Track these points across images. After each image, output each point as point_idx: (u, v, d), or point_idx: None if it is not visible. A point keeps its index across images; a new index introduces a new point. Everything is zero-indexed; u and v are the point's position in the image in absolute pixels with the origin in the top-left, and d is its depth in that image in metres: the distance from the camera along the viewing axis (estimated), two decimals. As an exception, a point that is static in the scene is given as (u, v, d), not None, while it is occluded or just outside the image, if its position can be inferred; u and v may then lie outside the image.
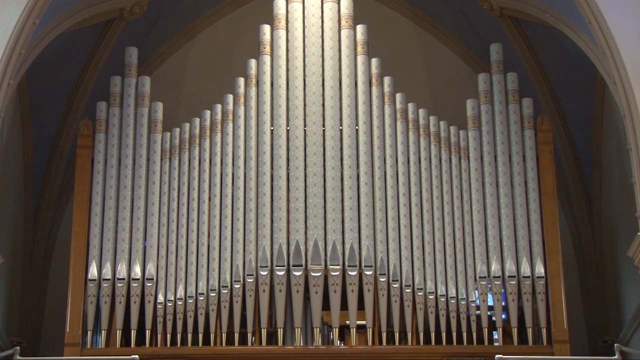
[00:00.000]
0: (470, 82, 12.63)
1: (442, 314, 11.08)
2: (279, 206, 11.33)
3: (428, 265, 11.25)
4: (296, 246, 11.15)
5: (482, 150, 11.66)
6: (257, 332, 11.04)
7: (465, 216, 11.45)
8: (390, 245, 11.28)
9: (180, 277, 11.19)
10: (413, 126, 11.78)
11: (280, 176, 11.46)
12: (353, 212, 11.32)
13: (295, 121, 11.64)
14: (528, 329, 11.03)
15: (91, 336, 11.00)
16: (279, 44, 11.87)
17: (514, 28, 12.49)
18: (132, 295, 11.06)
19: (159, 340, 11.01)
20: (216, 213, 11.41)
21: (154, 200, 11.46)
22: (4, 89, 9.68)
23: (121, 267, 11.15)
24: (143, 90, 11.83)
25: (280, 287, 11.02)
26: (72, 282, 11.09)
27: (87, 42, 12.34)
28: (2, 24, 9.69)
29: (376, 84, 11.85)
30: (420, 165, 11.64)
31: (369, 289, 11.06)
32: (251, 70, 11.87)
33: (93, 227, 11.30)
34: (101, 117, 11.71)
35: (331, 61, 11.81)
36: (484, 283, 11.20)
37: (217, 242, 11.30)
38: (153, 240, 11.32)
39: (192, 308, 11.06)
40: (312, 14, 11.95)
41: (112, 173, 11.52)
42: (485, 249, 11.31)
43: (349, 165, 11.50)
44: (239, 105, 11.79)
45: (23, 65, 10.32)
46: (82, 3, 11.22)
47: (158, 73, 13.39)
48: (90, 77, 12.57)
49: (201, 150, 11.68)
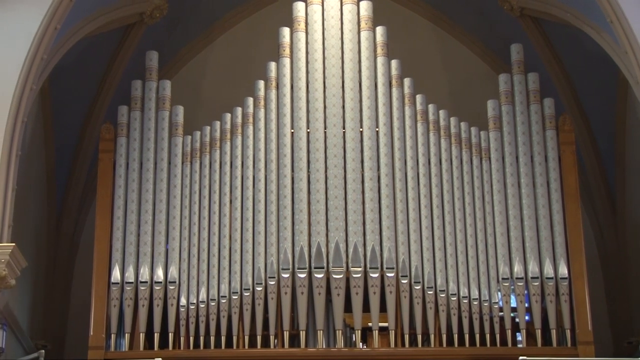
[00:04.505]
0: (491, 83, 12.59)
1: (464, 316, 11.04)
2: (299, 208, 11.34)
3: (450, 267, 11.22)
4: (317, 248, 11.15)
5: (504, 151, 11.63)
6: (279, 335, 11.05)
7: (487, 217, 11.41)
8: (412, 247, 11.25)
9: (202, 280, 11.22)
10: (434, 127, 11.75)
11: (301, 178, 11.46)
12: (374, 213, 11.31)
13: (315, 123, 11.64)
14: (552, 330, 10.98)
15: (115, 339, 11.05)
16: (299, 47, 11.88)
17: (534, 28, 12.44)
18: (155, 298, 11.09)
19: (181, 343, 11.04)
20: (237, 216, 11.43)
21: (175, 203, 11.50)
22: (27, 94, 9.75)
23: (144, 270, 11.18)
24: (164, 94, 11.87)
25: (302, 289, 11.02)
26: (95, 286, 11.14)
27: (108, 46, 12.40)
28: (24, 30, 9.76)
29: (396, 85, 11.84)
30: (442, 166, 11.61)
31: (391, 290, 11.04)
32: (271, 73, 11.88)
33: (115, 231, 11.34)
34: (122, 121, 11.76)
35: (351, 63, 11.81)
36: (507, 284, 11.14)
37: (238, 245, 11.32)
38: (175, 243, 11.36)
39: (214, 311, 11.08)
40: (331, 16, 11.95)
41: (134, 177, 11.56)
42: (507, 250, 11.27)
43: (370, 167, 11.49)
44: (259, 108, 11.81)
45: (45, 70, 10.37)
46: (102, 8, 11.28)
47: (178, 77, 13.44)
48: (111, 82, 12.63)
49: (222, 153, 11.71)
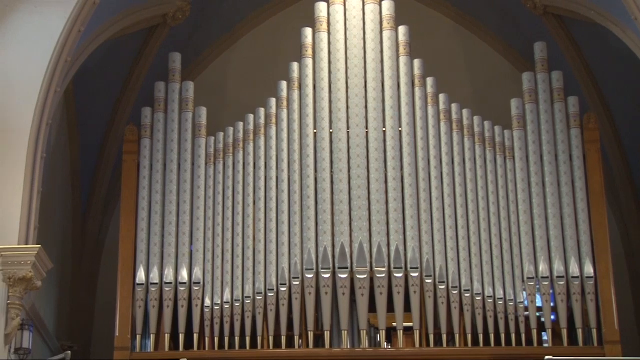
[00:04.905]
0: (514, 82, 12.53)
1: (489, 315, 11.00)
2: (323, 209, 11.34)
3: (475, 267, 11.19)
4: (341, 249, 11.14)
5: (528, 150, 11.58)
6: (303, 335, 11.05)
7: (511, 216, 11.37)
8: (436, 247, 11.23)
9: (226, 281, 11.24)
10: (457, 127, 11.72)
11: (324, 179, 11.46)
12: (398, 213, 11.29)
13: (338, 124, 11.64)
14: (578, 329, 10.92)
15: (140, 340, 11.09)
16: (321, 47, 11.88)
17: (558, 26, 12.38)
18: (180, 299, 11.12)
19: (206, 343, 11.07)
20: (261, 216, 11.44)
21: (199, 204, 11.53)
22: (51, 97, 9.81)
23: (168, 271, 11.22)
24: (187, 96, 11.91)
25: (326, 289, 11.03)
26: (121, 287, 11.19)
27: (131, 48, 12.46)
28: (48, 33, 9.83)
29: (419, 85, 11.81)
30: (465, 165, 11.58)
31: (416, 290, 11.02)
32: (294, 73, 11.89)
33: (140, 232, 11.39)
34: (146, 122, 11.81)
35: (373, 63, 11.80)
36: (532, 284, 11.10)
37: (262, 246, 11.34)
38: (199, 244, 11.39)
39: (238, 311, 11.10)
40: (353, 16, 11.95)
41: (158, 178, 11.60)
42: (532, 250, 11.22)
43: (393, 167, 11.47)
44: (282, 108, 11.82)
45: (69, 73, 10.44)
46: (125, 10, 11.34)
47: (201, 78, 13.48)
48: (135, 83, 12.69)
49: (245, 154, 11.73)
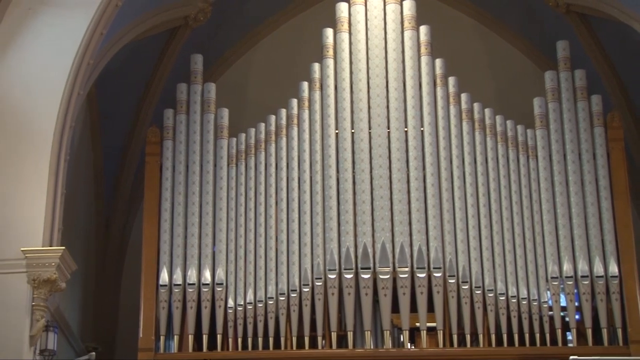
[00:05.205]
0: (537, 81, 12.47)
1: (513, 315, 10.96)
2: (345, 209, 11.33)
3: (498, 266, 11.14)
4: (364, 249, 11.13)
5: (551, 149, 11.52)
6: (327, 336, 11.05)
7: (534, 216, 11.32)
8: (459, 247, 11.19)
9: (249, 282, 11.25)
10: (479, 126, 11.68)
11: (346, 179, 11.45)
12: (420, 213, 11.26)
13: (360, 124, 11.63)
14: (603, 329, 10.86)
15: (164, 341, 11.12)
16: (342, 47, 11.88)
17: (580, 24, 12.30)
18: (203, 300, 11.15)
19: (230, 344, 11.08)
20: (283, 217, 11.45)
21: (221, 205, 11.55)
22: (74, 99, 9.86)
23: (191, 272, 11.25)
24: (209, 97, 11.94)
25: (349, 290, 11.02)
26: (144, 288, 11.23)
27: (153, 50, 12.50)
28: (71, 35, 9.87)
29: (440, 84, 11.78)
30: (488, 165, 11.54)
31: (439, 290, 10.99)
32: (315, 74, 11.89)
33: (163, 233, 11.43)
34: (168, 124, 11.84)
35: (395, 63, 11.78)
36: (556, 283, 11.04)
37: (284, 246, 11.34)
38: (222, 245, 11.41)
39: (262, 312, 11.11)
40: (374, 16, 11.93)
41: (180, 179, 11.64)
42: (556, 249, 11.17)
43: (415, 167, 11.44)
44: (303, 109, 11.82)
45: (92, 75, 10.49)
46: (147, 12, 11.38)
47: (223, 79, 13.50)
48: (157, 85, 12.74)
49: (267, 155, 11.74)
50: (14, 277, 9.14)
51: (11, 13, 9.86)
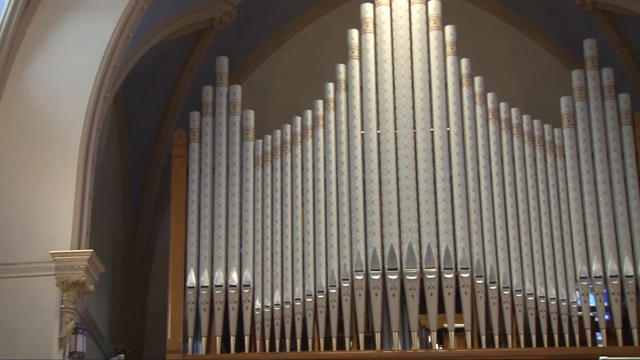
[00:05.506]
0: (563, 79, 12.38)
1: (542, 316, 10.90)
2: (371, 210, 11.31)
3: (526, 267, 11.08)
4: (390, 250, 11.10)
5: (578, 148, 11.46)
6: (354, 337, 11.03)
7: (562, 215, 11.25)
8: (487, 247, 11.14)
9: (276, 283, 11.25)
10: (505, 126, 11.63)
11: (372, 180, 11.43)
12: (447, 214, 11.22)
13: (385, 124, 11.61)
14: (633, 329, 10.77)
15: (192, 343, 11.13)
16: (367, 48, 11.86)
17: (607, 22, 12.21)
18: (230, 301, 11.16)
19: (257, 346, 11.09)
20: (310, 218, 11.45)
21: (248, 207, 11.56)
22: (101, 102, 9.91)
23: (218, 274, 11.26)
24: (234, 99, 11.96)
25: (376, 291, 11.00)
26: (172, 290, 11.26)
27: (178, 53, 12.54)
28: (97, 38, 9.92)
29: (466, 84, 11.74)
30: (515, 165, 11.48)
31: (466, 291, 10.95)
32: (340, 75, 11.88)
33: (190, 236, 11.45)
34: (194, 126, 11.87)
35: (420, 63, 11.75)
36: (585, 283, 10.96)
37: (311, 248, 11.34)
38: (248, 246, 11.42)
39: (289, 314, 11.11)
40: (399, 17, 11.90)
41: (207, 182, 11.66)
42: (585, 249, 11.09)
43: (442, 167, 11.41)
44: (329, 110, 11.82)
45: (118, 78, 10.55)
46: (173, 15, 11.43)
47: (248, 81, 13.51)
48: (182, 88, 12.78)
49: (293, 157, 11.74)
50: (43, 280, 9.21)
51: (38, 17, 9.94)
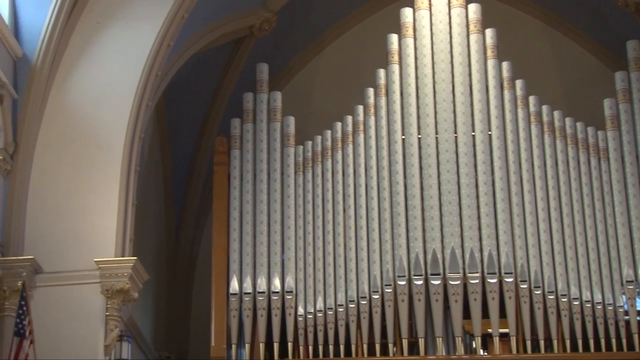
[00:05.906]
0: (606, 81, 12.26)
1: (588, 320, 10.77)
2: (413, 215, 11.27)
3: (571, 271, 10.97)
4: (433, 255, 11.05)
5: (623, 151, 11.33)
6: (397, 343, 10.98)
7: (607, 219, 11.12)
8: (530, 251, 11.04)
9: (319, 289, 11.24)
10: (548, 129, 11.53)
11: (414, 185, 11.39)
12: (490, 218, 11.14)
13: (426, 129, 11.56)
14: (681, 334, 10.62)
15: (235, 349, 11.14)
16: (407, 53, 11.82)
17: (650, 23, 12.07)
18: (273, 308, 11.17)
19: (301, 352, 11.08)
20: (351, 224, 11.43)
21: (289, 213, 11.57)
22: (143, 111, 9.99)
23: (261, 280, 11.28)
24: (275, 106, 11.98)
25: (419, 296, 10.94)
26: (215, 297, 11.29)
27: (219, 60, 12.61)
28: (138, 48, 10.01)
29: (508, 87, 11.66)
30: (558, 168, 11.38)
31: (510, 296, 10.85)
32: (380, 80, 11.86)
33: (232, 242, 11.48)
34: (235, 133, 11.90)
35: (460, 67, 11.69)
36: (632, 287, 10.82)
37: (353, 253, 11.31)
38: (291, 253, 11.42)
39: (332, 320, 11.09)
40: (439, 21, 11.86)
41: (248, 188, 11.69)
42: (631, 252, 10.96)
43: (484, 171, 11.33)
44: (369, 115, 11.80)
45: (160, 87, 10.62)
46: (213, 23, 11.49)
47: (289, 87, 13.55)
48: (223, 95, 12.85)
49: (334, 162, 11.73)
50: (88, 287, 9.30)
51: (81, 27, 10.05)
